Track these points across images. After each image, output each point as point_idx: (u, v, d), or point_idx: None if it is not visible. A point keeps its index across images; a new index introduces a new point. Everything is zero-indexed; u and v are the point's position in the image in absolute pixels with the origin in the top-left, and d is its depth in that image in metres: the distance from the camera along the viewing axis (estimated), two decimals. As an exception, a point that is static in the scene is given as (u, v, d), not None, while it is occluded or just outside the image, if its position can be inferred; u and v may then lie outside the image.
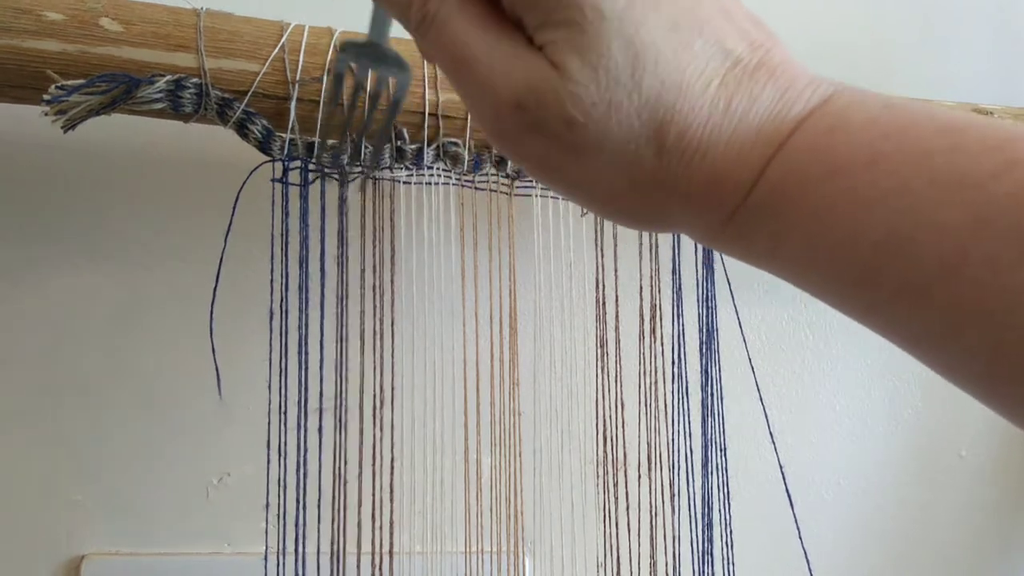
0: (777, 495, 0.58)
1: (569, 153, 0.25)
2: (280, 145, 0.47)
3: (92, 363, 0.55)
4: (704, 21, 0.24)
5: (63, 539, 0.55)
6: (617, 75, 0.23)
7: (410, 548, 0.54)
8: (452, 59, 0.25)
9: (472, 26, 0.25)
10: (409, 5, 0.26)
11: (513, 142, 0.25)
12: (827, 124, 0.24)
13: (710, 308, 0.56)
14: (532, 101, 0.24)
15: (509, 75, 0.24)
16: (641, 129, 0.24)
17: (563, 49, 0.24)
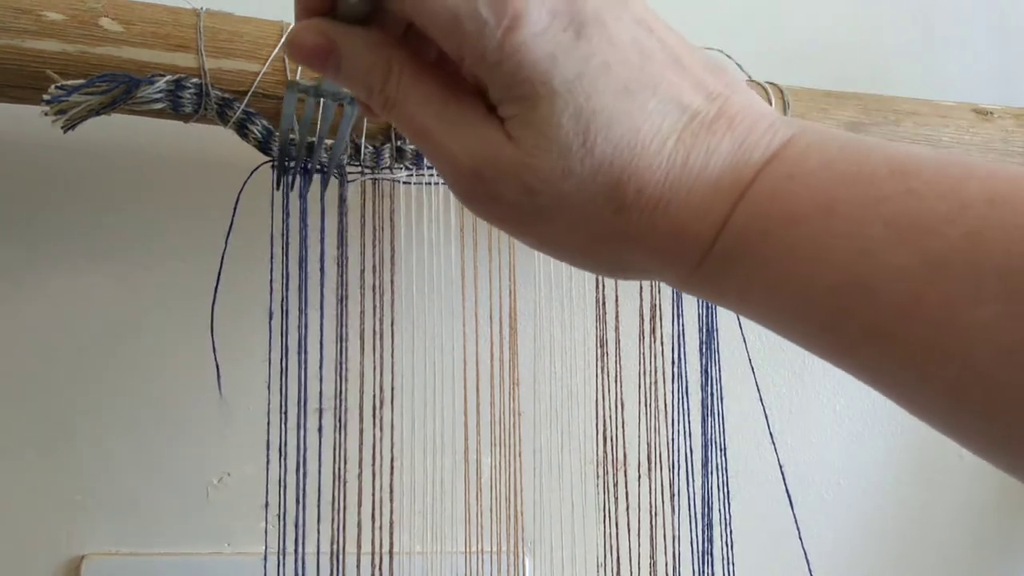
0: (777, 495, 0.58)
1: (531, 216, 0.26)
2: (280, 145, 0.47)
3: (92, 363, 0.55)
4: (657, 80, 0.24)
5: (63, 539, 0.55)
6: (568, 144, 0.24)
7: (410, 548, 0.54)
8: (414, 134, 0.27)
9: (430, 104, 0.26)
10: (371, 91, 0.27)
11: (478, 207, 0.27)
12: (786, 171, 0.24)
13: (710, 308, 0.56)
14: (490, 172, 0.25)
15: (467, 148, 0.25)
16: (598, 191, 0.24)
17: (519, 123, 0.25)
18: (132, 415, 0.56)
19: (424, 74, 0.26)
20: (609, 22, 0.24)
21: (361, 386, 0.51)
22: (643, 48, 0.24)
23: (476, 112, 0.26)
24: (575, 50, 0.24)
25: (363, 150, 0.48)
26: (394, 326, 0.51)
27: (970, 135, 0.57)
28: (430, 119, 0.26)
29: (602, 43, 0.24)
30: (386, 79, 0.26)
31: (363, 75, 0.27)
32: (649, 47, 0.25)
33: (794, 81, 0.55)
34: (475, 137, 0.25)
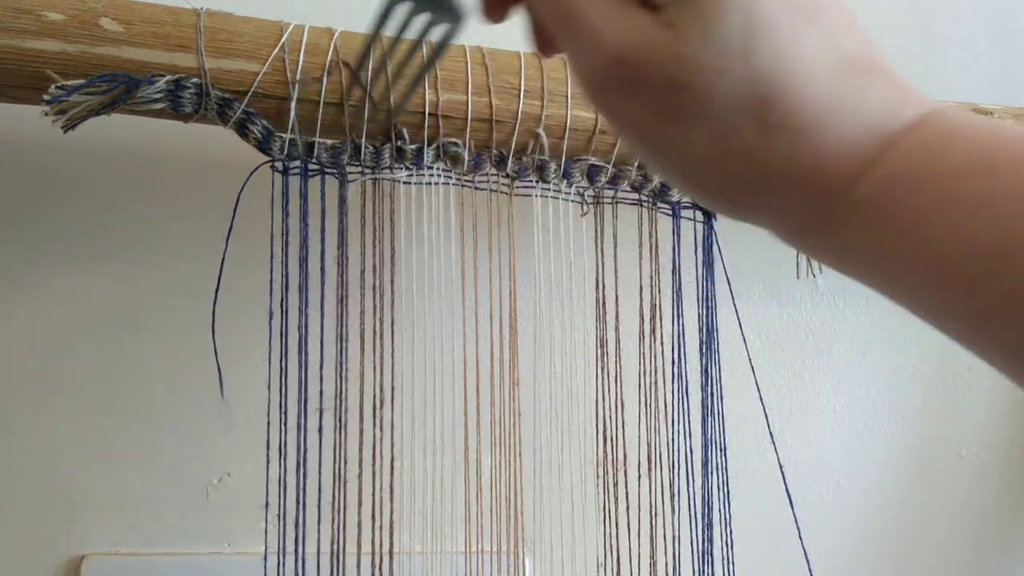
0: (777, 495, 0.58)
1: (666, 117, 0.24)
2: (280, 145, 0.47)
3: (92, 363, 0.55)
4: (824, 12, 0.24)
5: (63, 539, 0.55)
6: (730, 42, 0.23)
7: (410, 548, 0.54)
8: (558, 10, 0.25)
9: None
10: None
11: (611, 101, 0.25)
12: (942, 128, 0.23)
13: (710, 308, 0.56)
14: (638, 58, 0.23)
15: (617, 29, 0.24)
16: (748, 100, 0.23)
17: (679, 10, 0.23)
18: (132, 415, 0.56)
19: None
20: None
21: (361, 386, 0.51)
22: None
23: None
24: None
25: (363, 150, 0.48)
26: (394, 326, 0.51)
27: (970, 135, 0.57)
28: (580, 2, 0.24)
29: None
30: None
31: None
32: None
33: (794, 81, 0.55)
34: (627, 19, 0.24)
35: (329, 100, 0.46)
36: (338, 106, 0.47)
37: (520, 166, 0.51)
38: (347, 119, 0.47)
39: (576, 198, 0.54)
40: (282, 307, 0.49)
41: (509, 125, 0.49)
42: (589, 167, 0.52)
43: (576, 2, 0.24)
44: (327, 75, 0.46)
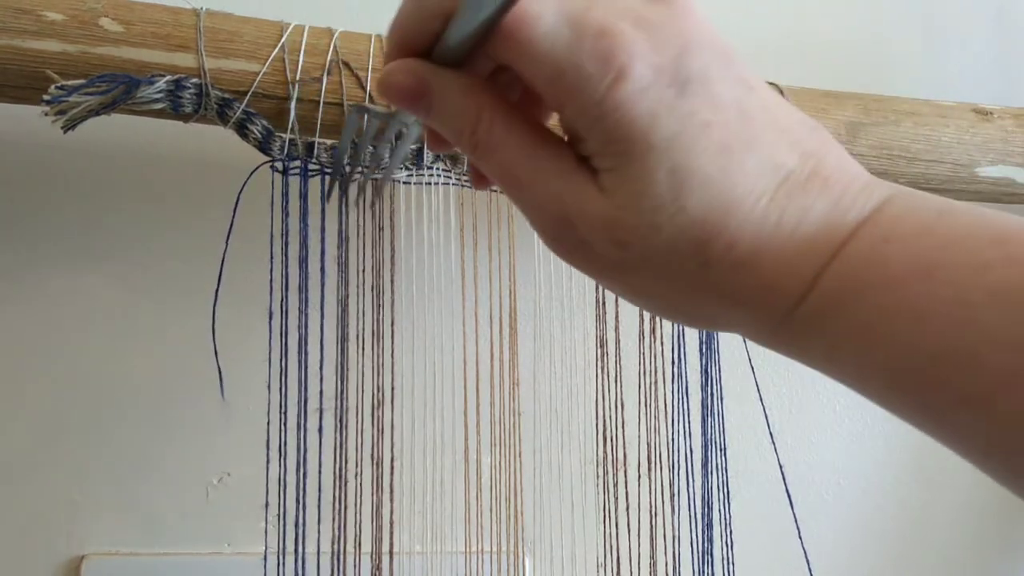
0: (777, 495, 0.58)
1: (616, 266, 0.26)
2: (280, 145, 0.47)
3: (92, 363, 0.55)
4: (755, 139, 0.24)
5: (63, 539, 0.55)
6: (661, 200, 0.24)
7: (410, 548, 0.54)
8: (503, 181, 0.27)
9: (521, 151, 0.26)
10: (460, 135, 0.27)
11: (564, 254, 0.27)
12: (881, 233, 0.24)
13: (710, 308, 0.56)
14: (578, 222, 0.25)
15: (556, 196, 0.25)
16: (686, 246, 0.24)
17: (612, 177, 0.24)
18: (132, 415, 0.56)
19: (515, 121, 0.26)
20: (713, 81, 0.24)
21: (361, 386, 0.51)
22: (744, 108, 0.24)
23: (566, 161, 0.26)
24: (677, 108, 0.24)
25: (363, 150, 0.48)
26: (394, 326, 0.51)
27: (970, 135, 0.57)
28: (519, 167, 0.26)
29: (704, 102, 0.24)
30: (477, 125, 0.26)
31: (455, 119, 0.27)
32: (749, 107, 0.25)
33: (794, 81, 0.55)
34: (565, 187, 0.25)
35: (329, 100, 0.46)
36: (338, 106, 0.47)
37: (520, 166, 0.51)
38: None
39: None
40: (282, 307, 0.49)
41: (509, 125, 0.49)
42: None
43: (516, 173, 0.26)
44: (327, 75, 0.46)
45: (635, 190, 0.24)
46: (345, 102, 0.47)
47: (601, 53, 0.23)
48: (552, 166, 0.26)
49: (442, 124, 0.27)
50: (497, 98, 0.26)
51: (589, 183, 0.25)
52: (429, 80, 0.26)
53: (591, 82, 0.23)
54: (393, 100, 0.27)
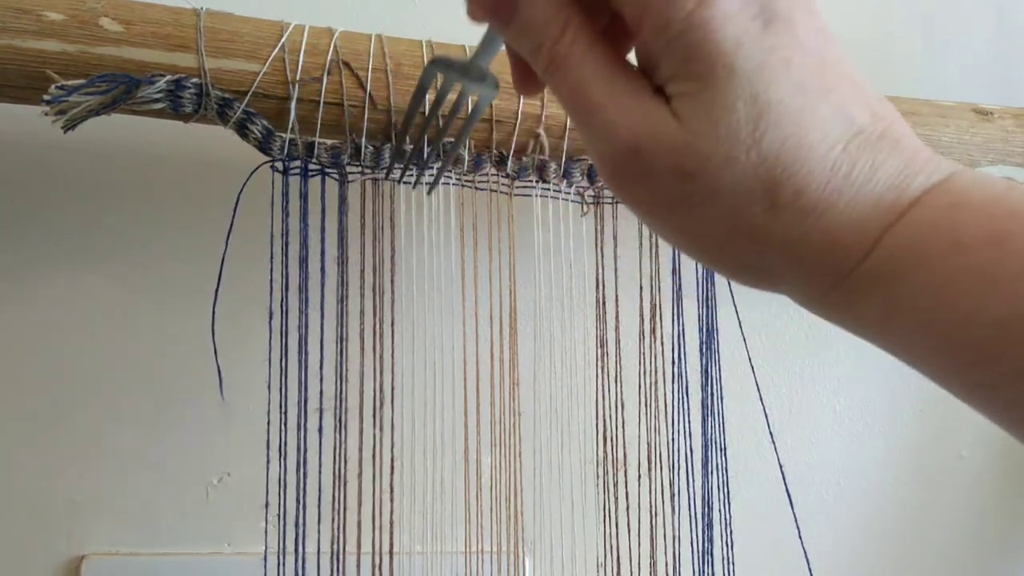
0: (777, 495, 0.58)
1: (679, 201, 0.25)
2: (280, 145, 0.47)
3: (92, 363, 0.55)
4: (832, 87, 0.24)
5: (63, 539, 0.55)
6: (737, 131, 0.23)
7: (410, 548, 0.54)
8: (575, 101, 0.26)
9: (598, 72, 0.26)
10: (539, 48, 0.26)
11: (625, 186, 0.26)
12: (950, 199, 0.24)
13: (710, 308, 0.56)
14: (649, 148, 0.25)
15: (628, 122, 0.25)
16: (755, 184, 0.24)
17: (688, 101, 0.24)
18: (132, 415, 0.56)
19: (597, 41, 0.26)
20: (797, 23, 0.24)
21: (361, 386, 0.51)
22: (823, 56, 0.24)
23: (642, 87, 0.25)
24: (761, 40, 0.23)
25: (363, 150, 0.48)
26: (394, 326, 0.51)
27: (970, 135, 0.57)
28: (594, 87, 0.25)
29: (787, 39, 0.24)
30: (560, 36, 0.26)
31: (538, 29, 0.26)
32: (828, 56, 0.24)
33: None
34: (639, 111, 0.25)
35: (329, 100, 0.46)
36: (338, 106, 0.47)
37: (520, 166, 0.51)
38: (347, 119, 0.47)
39: (576, 198, 0.54)
40: (282, 307, 0.49)
41: (509, 125, 0.49)
42: (589, 167, 0.52)
43: (591, 93, 0.25)
44: (327, 75, 0.46)
45: (712, 115, 0.24)
46: (345, 102, 0.47)
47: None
48: (627, 89, 0.25)
49: (522, 35, 0.27)
50: (584, 15, 0.26)
51: (663, 108, 0.25)
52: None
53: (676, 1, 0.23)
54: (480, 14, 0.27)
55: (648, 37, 0.24)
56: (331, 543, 0.49)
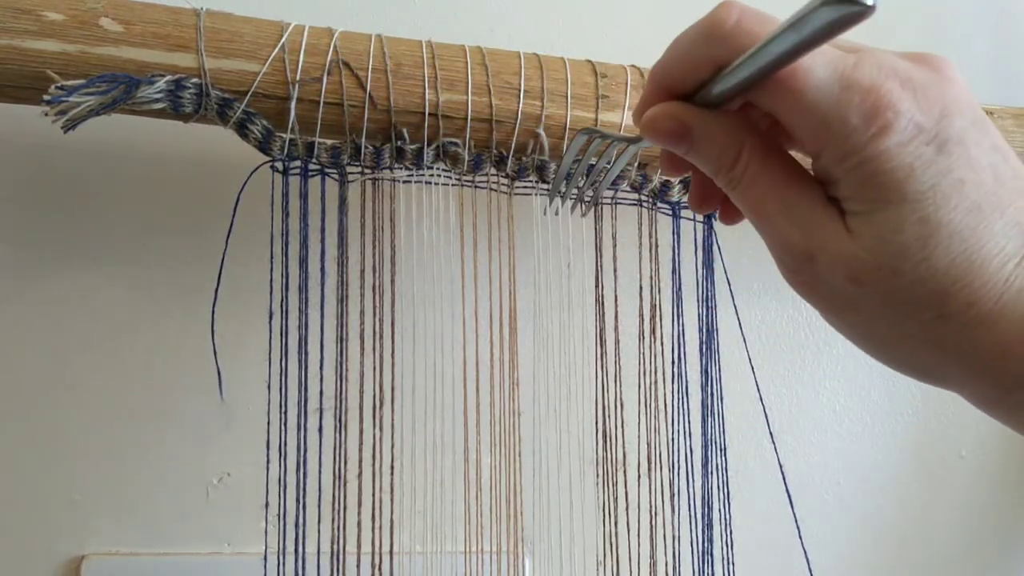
0: (777, 495, 0.58)
1: (851, 304, 0.27)
2: (280, 145, 0.47)
3: (92, 363, 0.55)
4: (1007, 203, 0.25)
5: (63, 539, 0.55)
6: (907, 249, 0.25)
7: (410, 548, 0.54)
8: (753, 213, 0.29)
9: (772, 186, 0.28)
10: (717, 172, 0.29)
11: (801, 286, 0.28)
12: None
13: (710, 308, 0.56)
14: (822, 258, 0.27)
15: (803, 232, 0.27)
16: (925, 295, 0.25)
17: (861, 220, 0.26)
18: (132, 415, 0.56)
19: (770, 157, 0.28)
20: (970, 144, 0.25)
21: (361, 386, 0.51)
22: (998, 173, 0.25)
23: (815, 198, 0.27)
24: (934, 163, 0.25)
25: (363, 150, 0.48)
26: (394, 326, 0.51)
27: (970, 135, 0.57)
28: (770, 201, 0.28)
29: (961, 160, 0.25)
30: (735, 163, 0.28)
31: (714, 157, 0.29)
32: (1002, 173, 0.26)
33: (794, 81, 0.55)
34: (812, 222, 0.27)
35: (329, 100, 0.46)
36: (338, 106, 0.47)
37: (520, 166, 0.51)
38: (347, 119, 0.47)
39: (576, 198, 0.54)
40: (282, 307, 0.49)
41: (509, 125, 0.49)
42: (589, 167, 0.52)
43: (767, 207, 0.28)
44: (327, 75, 0.46)
45: (882, 235, 0.25)
46: (345, 102, 0.47)
47: (868, 108, 0.25)
48: (801, 202, 0.27)
49: (701, 160, 0.29)
50: (755, 136, 0.28)
51: (836, 222, 0.26)
52: (691, 123, 0.29)
53: (855, 133, 0.25)
54: (656, 140, 0.30)
55: (826, 163, 0.26)
56: (331, 543, 0.49)
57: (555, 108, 0.50)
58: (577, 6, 0.63)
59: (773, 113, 0.27)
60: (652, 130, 0.29)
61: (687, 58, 0.28)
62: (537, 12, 0.62)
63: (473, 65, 0.49)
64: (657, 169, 0.53)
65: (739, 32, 0.26)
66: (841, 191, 0.26)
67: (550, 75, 0.50)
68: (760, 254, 0.65)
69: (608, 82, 0.51)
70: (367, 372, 0.51)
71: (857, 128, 0.25)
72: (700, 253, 0.56)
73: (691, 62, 0.28)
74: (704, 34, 0.27)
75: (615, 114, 0.50)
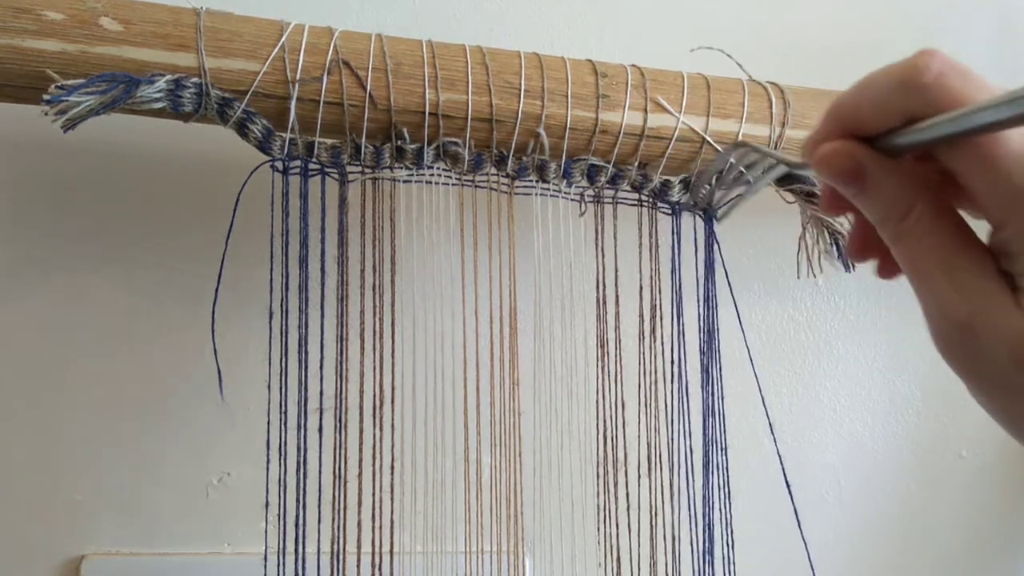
0: (777, 495, 0.58)
1: (1010, 388, 0.25)
2: (280, 145, 0.47)
3: (92, 363, 0.55)
4: None
5: (63, 539, 0.55)
6: None
7: (410, 548, 0.54)
8: (913, 271, 0.27)
9: (940, 247, 0.26)
10: (884, 221, 0.28)
11: (953, 357, 0.27)
12: None
13: (710, 308, 0.56)
14: (984, 331, 0.25)
15: (966, 299, 0.25)
16: None
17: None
18: (132, 415, 0.56)
19: (943, 217, 0.27)
20: None
21: (361, 386, 0.51)
22: None
23: (985, 267, 0.26)
24: None
25: (363, 150, 0.48)
26: (394, 326, 0.51)
27: (970, 135, 0.57)
28: (935, 261, 0.26)
29: None
30: (905, 216, 0.27)
31: (884, 206, 0.27)
32: None
33: (794, 81, 0.55)
34: (979, 291, 0.25)
35: (329, 100, 0.46)
36: (338, 105, 0.47)
37: (520, 166, 0.51)
38: (347, 119, 0.47)
39: (576, 198, 0.54)
40: (282, 307, 0.49)
41: (509, 125, 0.49)
42: (589, 167, 0.52)
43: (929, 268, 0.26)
44: (327, 75, 0.46)
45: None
46: (345, 102, 0.47)
47: None
48: (970, 268, 0.26)
49: (870, 206, 0.28)
50: (931, 192, 0.27)
51: (1006, 296, 0.25)
52: (868, 166, 0.27)
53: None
54: (827, 176, 0.28)
55: (1009, 236, 0.25)
56: (331, 543, 0.49)
57: (555, 108, 0.50)
58: (577, 6, 0.63)
59: (958, 174, 0.26)
60: (827, 165, 0.28)
61: (877, 102, 0.27)
62: (537, 12, 0.62)
63: (473, 65, 0.49)
64: (657, 168, 0.53)
65: (939, 87, 0.25)
66: (1018, 266, 0.25)
67: (550, 75, 0.50)
68: (760, 254, 0.65)
69: (608, 82, 0.51)
70: (367, 372, 0.51)
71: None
72: (700, 253, 0.56)
73: (881, 107, 0.27)
74: (900, 81, 0.26)
75: (615, 114, 0.50)
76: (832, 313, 0.67)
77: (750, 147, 0.41)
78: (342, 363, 0.50)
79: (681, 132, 0.51)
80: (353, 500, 0.50)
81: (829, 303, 0.67)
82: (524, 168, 0.51)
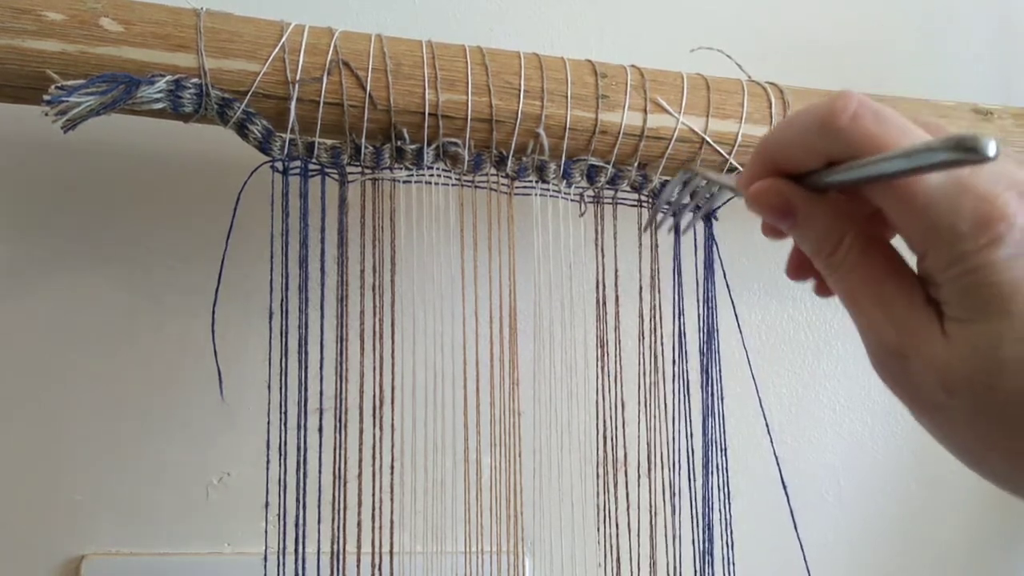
0: (777, 495, 0.58)
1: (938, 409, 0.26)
2: (280, 145, 0.47)
3: (92, 363, 0.55)
4: None
5: (63, 539, 0.55)
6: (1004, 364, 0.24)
7: (410, 548, 0.54)
8: (848, 300, 0.28)
9: (870, 278, 0.27)
10: (816, 254, 0.29)
11: (889, 380, 0.28)
12: None
13: (710, 308, 0.56)
14: (914, 358, 0.26)
15: (897, 326, 0.26)
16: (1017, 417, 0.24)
17: (960, 327, 0.25)
18: (132, 415, 0.56)
19: (872, 248, 0.28)
20: None
21: (361, 386, 0.51)
22: None
23: (914, 297, 0.26)
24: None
25: (363, 150, 0.48)
26: (394, 326, 0.51)
27: (970, 135, 0.57)
28: (866, 295, 0.27)
29: None
30: (835, 250, 0.28)
31: (815, 240, 0.29)
32: None
33: (794, 81, 0.55)
34: (908, 321, 0.26)
35: (329, 100, 0.46)
36: (338, 106, 0.47)
37: (520, 166, 0.51)
38: (347, 119, 0.47)
39: (576, 198, 0.54)
40: (282, 307, 0.49)
41: (509, 125, 0.49)
42: (589, 167, 0.52)
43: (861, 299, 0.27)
44: (327, 75, 0.46)
45: (979, 348, 0.24)
46: (345, 102, 0.47)
47: (980, 217, 0.24)
48: (899, 299, 0.27)
49: (803, 241, 0.29)
50: (859, 227, 0.28)
51: (933, 324, 0.26)
52: (796, 203, 0.29)
53: (963, 241, 0.24)
54: (759, 212, 0.30)
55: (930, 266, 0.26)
56: (331, 543, 0.49)
57: (555, 108, 0.50)
58: (577, 6, 0.63)
59: (882, 208, 0.27)
60: (758, 204, 0.29)
61: (799, 143, 0.28)
62: (537, 12, 0.62)
63: (473, 65, 0.49)
64: (657, 169, 0.53)
65: (853, 130, 0.26)
66: (942, 295, 0.26)
67: (550, 75, 0.50)
68: (760, 254, 0.65)
69: (608, 82, 0.51)
70: (367, 372, 0.51)
71: (966, 236, 0.24)
72: (700, 253, 0.56)
73: (803, 148, 0.28)
74: (818, 124, 0.27)
75: (615, 114, 0.50)
76: (832, 313, 0.67)
77: (699, 174, 0.42)
78: (342, 363, 0.50)
79: (681, 132, 0.51)
80: (353, 500, 0.50)
81: (829, 303, 0.67)
82: (524, 168, 0.51)
